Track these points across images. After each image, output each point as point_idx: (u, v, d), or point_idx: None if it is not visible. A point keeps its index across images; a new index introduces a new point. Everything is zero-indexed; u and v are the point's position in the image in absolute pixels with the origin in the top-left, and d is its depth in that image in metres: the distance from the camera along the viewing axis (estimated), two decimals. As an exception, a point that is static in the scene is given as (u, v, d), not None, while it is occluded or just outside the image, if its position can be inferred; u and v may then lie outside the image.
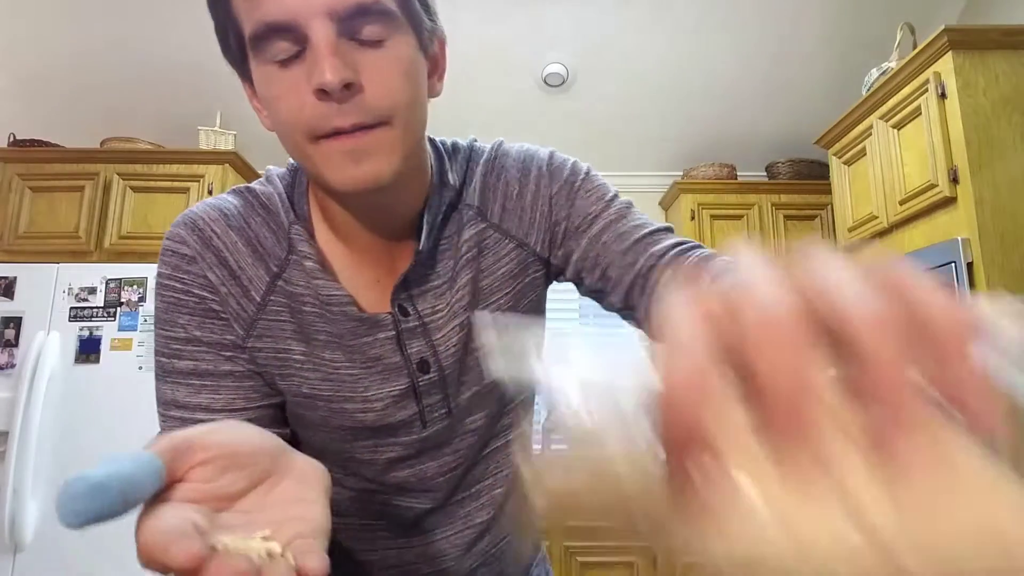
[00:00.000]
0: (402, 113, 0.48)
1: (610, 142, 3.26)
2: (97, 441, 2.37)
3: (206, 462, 0.32)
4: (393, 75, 0.47)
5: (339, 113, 0.45)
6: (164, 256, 0.55)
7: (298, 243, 0.56)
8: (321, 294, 0.55)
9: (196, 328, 0.54)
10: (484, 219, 0.61)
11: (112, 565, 2.30)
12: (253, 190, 0.59)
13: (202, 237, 0.55)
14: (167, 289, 0.55)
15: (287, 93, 0.46)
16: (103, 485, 0.27)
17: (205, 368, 0.54)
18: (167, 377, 0.55)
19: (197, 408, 0.54)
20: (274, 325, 0.56)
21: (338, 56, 0.44)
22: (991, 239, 1.84)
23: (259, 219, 0.57)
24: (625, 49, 2.83)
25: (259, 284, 0.56)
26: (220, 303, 0.55)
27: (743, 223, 3.08)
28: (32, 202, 2.74)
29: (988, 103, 1.91)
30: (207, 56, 3.23)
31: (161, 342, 0.55)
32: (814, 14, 2.70)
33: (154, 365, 0.56)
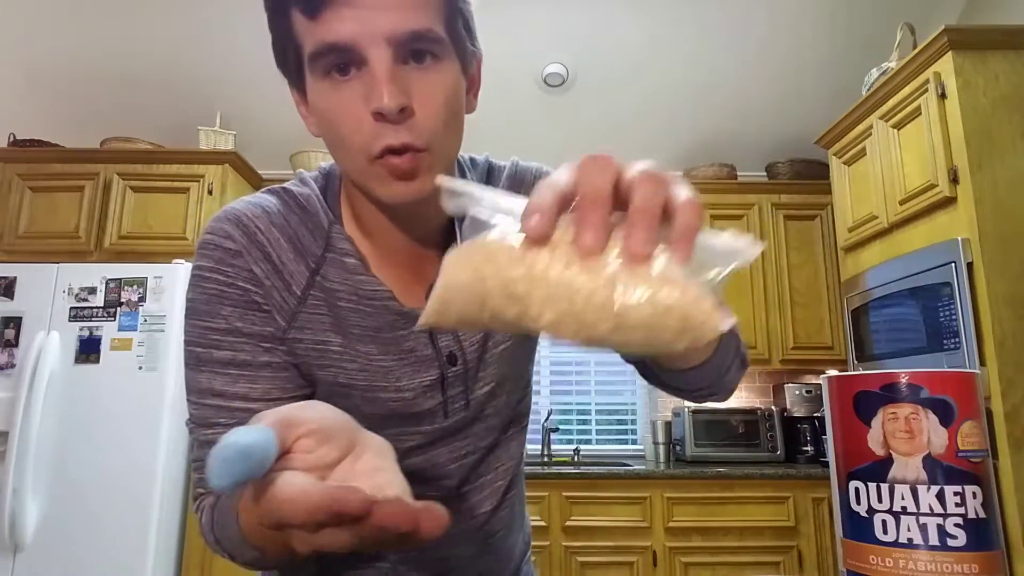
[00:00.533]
0: (440, 138, 0.53)
1: (610, 142, 3.26)
2: (97, 441, 2.38)
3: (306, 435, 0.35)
4: (440, 99, 0.52)
5: (393, 133, 0.49)
6: (206, 250, 0.58)
7: (338, 242, 0.59)
8: (361, 289, 0.59)
9: (238, 319, 0.57)
10: None
11: (112, 565, 2.30)
12: (290, 191, 0.62)
13: (247, 232, 0.58)
14: (209, 281, 0.57)
15: (344, 110, 0.50)
16: (250, 450, 0.31)
17: (243, 359, 0.57)
18: (202, 366, 0.57)
19: (234, 397, 0.56)
20: (314, 318, 0.59)
21: (394, 82, 0.48)
22: (991, 239, 1.84)
23: (296, 218, 0.60)
24: (625, 49, 2.84)
25: (300, 279, 0.59)
26: (263, 296, 0.58)
27: (743, 223, 3.09)
28: (32, 202, 2.75)
29: (988, 103, 1.91)
30: (207, 56, 3.24)
31: (197, 332, 0.57)
32: (814, 14, 2.71)
33: (185, 355, 0.58)
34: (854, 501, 0.49)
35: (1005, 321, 1.80)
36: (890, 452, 0.47)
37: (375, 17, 0.48)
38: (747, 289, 3.02)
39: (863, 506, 0.48)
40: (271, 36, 0.56)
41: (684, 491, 2.57)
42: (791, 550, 2.53)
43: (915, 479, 0.46)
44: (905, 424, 0.47)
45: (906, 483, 0.46)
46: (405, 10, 0.49)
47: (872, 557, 0.47)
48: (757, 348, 2.97)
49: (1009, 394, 1.76)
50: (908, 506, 0.46)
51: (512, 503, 0.75)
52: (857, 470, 0.49)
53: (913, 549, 0.45)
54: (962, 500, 0.45)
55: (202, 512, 0.56)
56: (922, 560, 0.45)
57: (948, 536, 0.45)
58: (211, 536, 0.54)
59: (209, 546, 0.55)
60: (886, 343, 2.25)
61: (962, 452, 0.46)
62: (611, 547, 2.52)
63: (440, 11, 0.51)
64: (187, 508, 2.54)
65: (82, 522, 2.32)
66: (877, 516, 0.47)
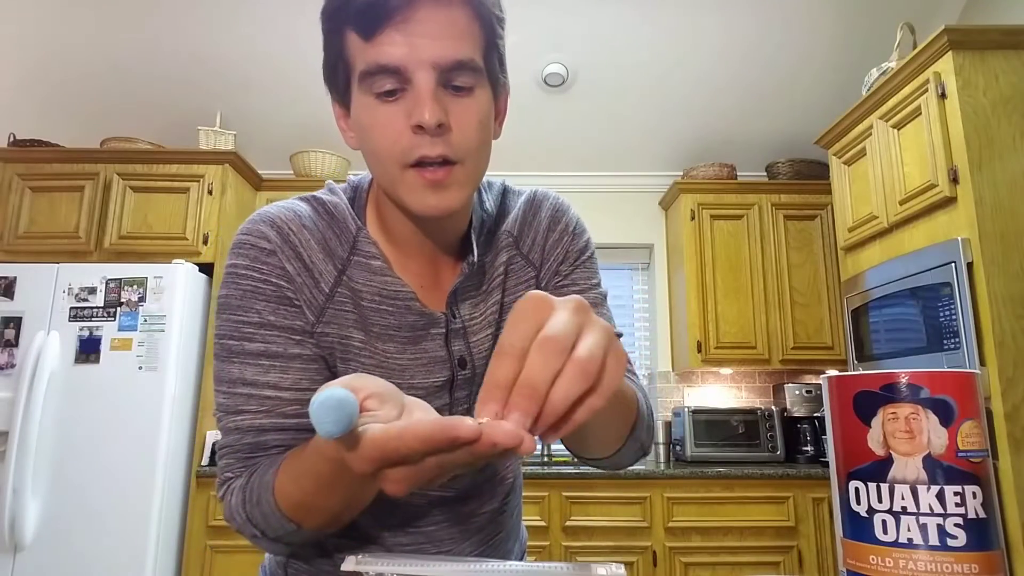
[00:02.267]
0: (473, 155, 0.58)
1: (610, 142, 3.26)
2: (97, 441, 2.38)
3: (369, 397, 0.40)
4: (473, 121, 0.57)
5: (430, 145, 0.55)
6: (242, 249, 0.62)
7: (364, 245, 0.65)
8: (386, 289, 0.64)
9: (271, 314, 0.61)
10: (516, 247, 0.72)
11: (112, 565, 2.30)
12: (320, 199, 0.68)
13: (281, 233, 0.63)
14: (244, 278, 0.61)
15: (386, 124, 0.56)
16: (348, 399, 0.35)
17: (275, 350, 0.61)
18: (234, 358, 0.61)
19: (266, 386, 0.60)
20: (339, 314, 0.64)
21: (436, 101, 0.54)
22: (991, 239, 1.84)
23: (324, 223, 0.65)
24: (625, 49, 2.84)
25: (328, 277, 0.64)
26: (295, 291, 0.62)
27: (743, 223, 3.09)
28: (32, 202, 2.75)
29: (988, 103, 1.91)
30: (207, 56, 3.24)
31: (230, 326, 0.61)
32: (814, 14, 2.71)
33: (216, 349, 0.62)
34: (854, 501, 0.49)
35: (1005, 321, 1.80)
36: (890, 452, 0.47)
37: (424, 44, 0.53)
38: (747, 289, 3.02)
39: (863, 506, 0.48)
40: (324, 54, 0.61)
41: (684, 491, 2.57)
42: (791, 550, 2.53)
43: (915, 479, 0.46)
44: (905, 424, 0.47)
45: (906, 483, 0.46)
46: (451, 40, 0.54)
47: (872, 557, 0.47)
48: (757, 348, 2.97)
49: (1009, 394, 1.76)
50: (908, 506, 0.46)
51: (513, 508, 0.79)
52: (857, 470, 0.49)
53: (913, 549, 0.45)
54: (962, 500, 0.45)
55: (231, 494, 0.59)
56: (922, 560, 0.45)
57: (948, 536, 0.45)
58: (241, 515, 0.58)
59: (236, 526, 0.59)
60: (886, 343, 2.25)
61: (962, 452, 0.46)
62: (611, 547, 2.52)
63: (480, 44, 0.57)
64: (187, 508, 2.54)
65: (82, 522, 2.33)
66: (877, 516, 0.47)
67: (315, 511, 0.54)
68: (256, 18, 2.70)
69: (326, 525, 0.57)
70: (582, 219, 0.78)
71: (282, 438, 0.60)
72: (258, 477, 0.57)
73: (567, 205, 0.77)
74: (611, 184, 3.41)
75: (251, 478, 0.58)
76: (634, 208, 3.41)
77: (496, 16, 0.59)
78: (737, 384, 3.27)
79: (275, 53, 2.82)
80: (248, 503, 0.57)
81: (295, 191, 3.09)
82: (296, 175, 3.16)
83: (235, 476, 0.60)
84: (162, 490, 2.39)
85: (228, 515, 0.59)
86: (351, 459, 0.37)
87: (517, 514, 0.82)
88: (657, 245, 3.39)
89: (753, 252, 3.06)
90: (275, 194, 3.11)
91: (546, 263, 0.73)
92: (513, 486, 0.79)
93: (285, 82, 2.94)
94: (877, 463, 0.48)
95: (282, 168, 3.26)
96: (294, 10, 2.66)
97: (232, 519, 0.59)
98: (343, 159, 3.14)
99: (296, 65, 2.86)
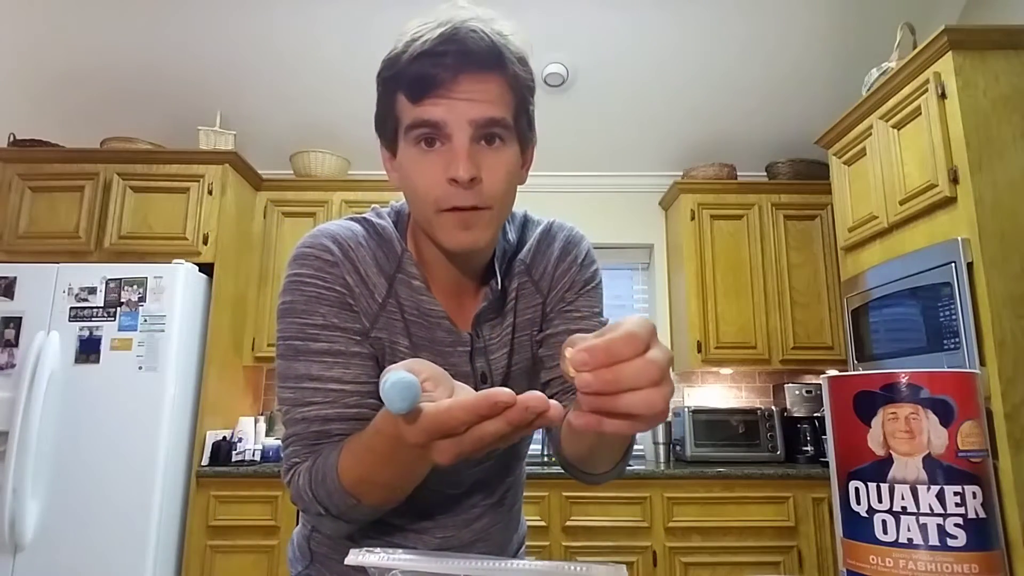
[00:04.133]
0: (500, 200, 0.66)
1: (610, 142, 3.26)
2: (97, 441, 2.38)
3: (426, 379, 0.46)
4: (502, 173, 0.65)
5: (463, 196, 0.63)
6: (306, 260, 0.70)
7: (408, 266, 0.73)
8: (423, 307, 0.72)
9: (334, 316, 0.69)
10: (528, 274, 0.79)
11: (112, 565, 2.30)
12: (371, 221, 0.76)
13: (342, 248, 0.71)
14: (309, 285, 0.69)
15: (425, 172, 0.64)
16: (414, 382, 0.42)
17: (338, 348, 0.69)
18: (300, 356, 0.68)
19: (330, 380, 0.68)
20: (390, 322, 0.72)
21: (470, 158, 0.62)
22: (991, 239, 1.84)
23: (375, 242, 0.74)
24: (625, 49, 2.84)
25: (381, 289, 0.72)
26: (354, 299, 0.70)
27: (743, 223, 3.09)
28: (32, 202, 2.75)
29: (988, 103, 1.91)
30: (207, 56, 3.23)
31: (295, 329, 0.69)
32: (815, 15, 2.71)
33: (282, 349, 0.70)
34: (854, 501, 0.49)
35: (1005, 321, 1.80)
36: (890, 452, 0.47)
37: (463, 106, 0.62)
38: (747, 289, 3.02)
39: (863, 506, 0.48)
40: (376, 108, 0.69)
41: (684, 491, 2.57)
42: (791, 550, 2.53)
43: (915, 479, 0.46)
44: (905, 424, 0.47)
45: (906, 483, 0.46)
46: (487, 103, 0.63)
47: (872, 557, 0.47)
48: (757, 348, 2.97)
49: (1009, 394, 1.76)
50: (908, 506, 0.46)
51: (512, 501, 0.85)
52: (857, 470, 0.49)
53: (913, 549, 0.45)
54: (962, 500, 0.45)
55: (298, 476, 0.66)
56: (922, 560, 0.45)
57: (948, 536, 0.45)
58: (308, 494, 0.64)
59: (303, 505, 0.66)
60: (886, 343, 2.25)
61: (962, 452, 0.46)
62: (611, 547, 2.52)
63: (511, 106, 0.66)
64: (187, 508, 2.54)
65: (82, 522, 2.32)
66: (877, 516, 0.47)
67: (373, 486, 0.61)
68: (256, 18, 2.70)
69: (382, 501, 0.64)
70: (593, 251, 0.84)
71: (344, 427, 0.66)
72: (323, 459, 0.64)
73: (579, 237, 0.84)
74: (611, 184, 3.41)
75: (316, 461, 0.65)
76: (634, 208, 3.41)
77: (528, 87, 0.69)
78: (737, 384, 3.27)
79: (275, 53, 2.82)
80: (314, 482, 0.63)
81: (295, 191, 3.10)
82: (296, 175, 3.16)
83: (301, 461, 0.67)
84: (162, 490, 2.39)
85: (296, 495, 0.66)
86: (408, 432, 0.44)
87: (518, 504, 0.88)
88: (657, 245, 3.39)
89: (753, 252, 3.05)
90: (275, 194, 3.11)
91: (553, 290, 0.80)
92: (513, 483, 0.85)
93: (285, 82, 2.94)
94: (877, 463, 0.48)
95: (282, 168, 3.26)
96: (295, 10, 2.66)
97: (300, 498, 0.65)
98: (343, 159, 3.14)
99: (296, 65, 2.86)
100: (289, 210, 3.09)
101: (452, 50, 0.61)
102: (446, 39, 0.61)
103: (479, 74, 0.62)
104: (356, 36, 2.71)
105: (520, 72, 0.66)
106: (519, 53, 0.66)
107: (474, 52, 0.61)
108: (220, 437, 2.67)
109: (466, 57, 0.61)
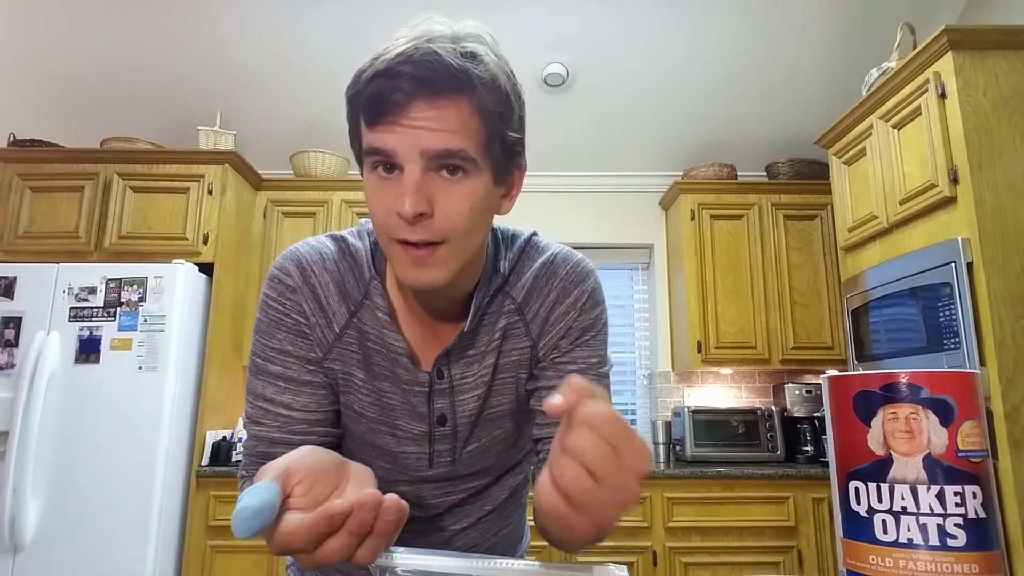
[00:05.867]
0: (459, 236, 0.60)
1: (610, 142, 3.26)
2: (97, 441, 2.38)
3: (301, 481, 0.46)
4: (461, 206, 0.59)
5: (411, 231, 0.58)
6: (272, 282, 0.71)
7: (374, 296, 0.70)
8: (385, 339, 0.70)
9: (289, 343, 0.70)
10: (519, 313, 0.73)
11: (112, 565, 2.30)
12: (346, 240, 0.73)
13: (303, 274, 0.70)
14: (271, 309, 0.70)
15: (379, 200, 0.60)
16: (261, 510, 0.42)
17: (291, 375, 0.70)
18: (260, 375, 0.70)
19: (280, 404, 0.69)
20: (345, 353, 0.71)
21: (419, 192, 0.57)
22: (991, 239, 1.84)
23: (346, 265, 0.71)
24: (625, 49, 2.84)
25: (340, 319, 0.70)
26: (309, 328, 0.70)
27: (743, 223, 3.09)
28: (32, 202, 2.75)
29: (988, 103, 1.91)
30: (207, 56, 3.23)
31: (259, 347, 0.70)
32: (814, 14, 2.71)
33: (249, 363, 0.71)
34: (854, 501, 0.49)
35: (1005, 321, 1.80)
36: (890, 452, 0.47)
37: (416, 136, 0.57)
38: (747, 289, 3.02)
39: (863, 506, 0.48)
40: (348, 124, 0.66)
41: (684, 491, 2.57)
42: (791, 550, 2.53)
43: (915, 479, 0.46)
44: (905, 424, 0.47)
45: (906, 483, 0.46)
46: (443, 133, 0.57)
47: (872, 557, 0.47)
48: (757, 348, 2.97)
49: (1009, 394, 1.76)
50: (908, 506, 0.46)
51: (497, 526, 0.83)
52: (857, 470, 0.49)
53: (913, 549, 0.45)
54: (962, 500, 0.45)
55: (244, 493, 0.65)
56: (922, 560, 0.45)
57: (948, 536, 0.45)
58: None
59: None
60: (886, 343, 2.25)
61: (962, 452, 0.46)
62: (611, 547, 2.52)
63: (477, 136, 0.59)
64: (187, 508, 2.54)
65: (82, 522, 2.32)
66: (877, 516, 0.47)
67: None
68: (256, 18, 2.70)
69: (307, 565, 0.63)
70: (600, 290, 0.76)
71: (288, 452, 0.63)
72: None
73: (584, 275, 0.75)
74: (611, 184, 3.41)
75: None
76: (634, 208, 3.41)
77: (499, 113, 0.61)
78: (737, 384, 3.27)
79: (275, 53, 2.82)
80: None
81: (295, 191, 3.10)
82: (296, 175, 3.16)
83: (248, 476, 0.69)
84: (162, 490, 2.39)
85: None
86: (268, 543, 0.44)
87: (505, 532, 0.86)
88: (657, 245, 3.39)
89: (753, 252, 3.05)
90: (275, 194, 3.11)
91: (545, 336, 0.73)
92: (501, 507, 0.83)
93: (285, 82, 2.94)
94: (877, 463, 0.48)
95: (282, 168, 3.26)
96: (295, 10, 2.66)
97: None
98: (343, 159, 3.14)
99: (296, 65, 2.86)
100: (289, 210, 3.09)
101: (407, 73, 0.55)
102: (404, 59, 0.56)
103: (436, 99, 0.57)
104: (356, 36, 2.71)
105: (487, 95, 0.59)
106: (489, 75, 0.59)
107: (429, 76, 0.56)
108: (220, 437, 2.67)
109: (422, 81, 0.56)
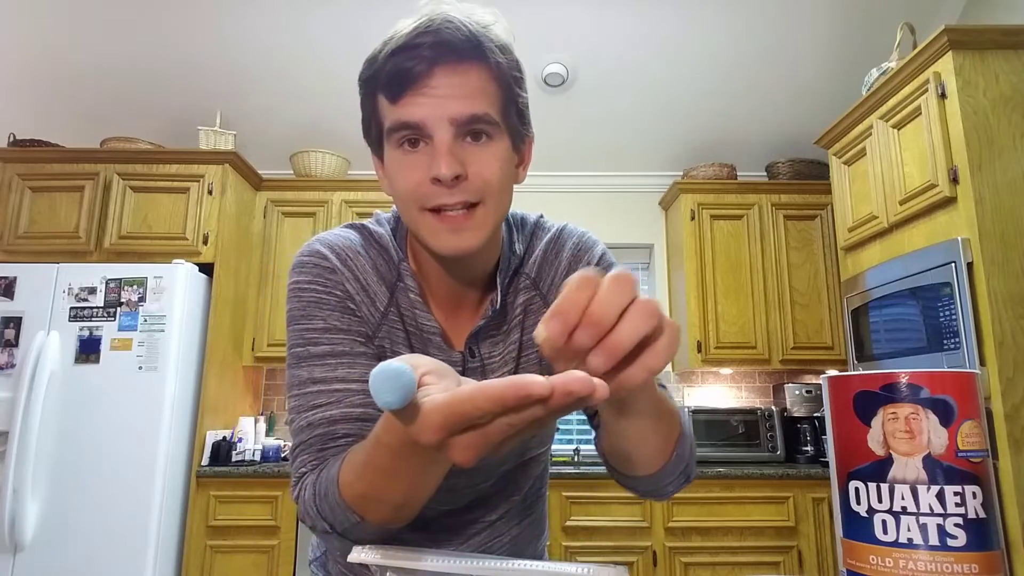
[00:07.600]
0: (493, 196, 0.62)
1: (610, 142, 3.26)
2: (97, 441, 2.38)
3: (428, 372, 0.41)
4: (491, 167, 0.62)
5: (448, 195, 0.60)
6: (303, 268, 0.69)
7: (405, 277, 0.71)
8: (419, 320, 0.70)
9: (335, 320, 0.67)
10: (535, 287, 0.75)
11: (112, 565, 2.30)
12: (368, 228, 0.74)
13: (339, 256, 0.69)
14: (307, 292, 0.68)
15: (408, 172, 0.61)
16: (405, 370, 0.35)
17: (341, 350, 0.66)
18: (303, 363, 0.66)
19: (334, 380, 0.65)
20: (392, 331, 0.70)
21: (452, 154, 0.59)
22: (991, 239, 1.84)
23: (375, 251, 0.72)
24: (625, 49, 2.84)
25: (382, 298, 0.70)
26: (355, 305, 0.68)
27: (743, 223, 3.09)
28: (32, 202, 2.75)
29: (988, 103, 1.91)
30: (207, 56, 3.23)
31: (296, 336, 0.67)
32: (814, 14, 2.71)
33: (287, 360, 0.68)
34: (854, 501, 0.49)
35: (1005, 321, 1.80)
36: (890, 452, 0.47)
37: (442, 103, 0.59)
38: (747, 289, 3.02)
39: (863, 506, 0.48)
40: (361, 112, 0.67)
41: (684, 491, 2.56)
42: (791, 550, 2.53)
43: (915, 479, 0.46)
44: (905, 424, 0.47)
45: (906, 483, 0.46)
46: (467, 99, 0.60)
47: (872, 557, 0.47)
48: (757, 348, 2.97)
49: (1009, 394, 1.76)
50: (908, 506, 0.46)
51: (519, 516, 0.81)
52: (857, 470, 0.49)
53: (913, 549, 0.45)
54: (962, 500, 0.45)
55: (304, 489, 0.62)
56: (922, 560, 0.45)
57: (948, 536, 0.45)
58: (312, 509, 0.60)
59: (310, 522, 0.61)
60: (886, 343, 2.25)
61: (962, 452, 0.46)
62: (611, 547, 2.52)
63: (496, 100, 0.63)
64: (187, 508, 2.54)
65: (82, 522, 2.33)
66: (877, 516, 0.47)
67: (377, 502, 0.55)
68: (256, 19, 2.69)
69: (388, 519, 0.57)
70: (609, 254, 0.78)
71: (350, 428, 0.63)
72: (326, 472, 0.59)
73: (591, 243, 0.78)
74: (611, 184, 3.41)
75: (320, 474, 0.60)
76: (634, 208, 3.41)
77: (514, 77, 0.64)
78: (737, 384, 3.27)
79: (275, 53, 2.82)
80: (318, 497, 0.59)
81: (295, 191, 3.10)
82: (296, 175, 3.16)
83: (308, 471, 0.63)
84: (162, 490, 2.39)
85: (302, 512, 0.61)
86: (417, 431, 0.37)
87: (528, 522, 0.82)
88: (657, 245, 3.39)
89: (753, 252, 3.06)
90: (275, 194, 3.11)
91: None
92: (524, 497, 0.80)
93: (285, 82, 2.94)
94: (877, 463, 0.48)
95: (282, 168, 3.26)
96: (295, 10, 2.66)
97: (306, 515, 0.61)
98: (343, 159, 3.14)
99: (296, 65, 2.86)
100: (289, 210, 3.09)
101: (427, 42, 0.58)
102: (421, 31, 0.58)
103: (457, 65, 0.59)
104: (356, 36, 2.71)
105: (503, 61, 0.62)
106: (500, 41, 0.62)
107: (449, 42, 0.58)
108: (220, 437, 2.67)
109: (441, 48, 0.58)
